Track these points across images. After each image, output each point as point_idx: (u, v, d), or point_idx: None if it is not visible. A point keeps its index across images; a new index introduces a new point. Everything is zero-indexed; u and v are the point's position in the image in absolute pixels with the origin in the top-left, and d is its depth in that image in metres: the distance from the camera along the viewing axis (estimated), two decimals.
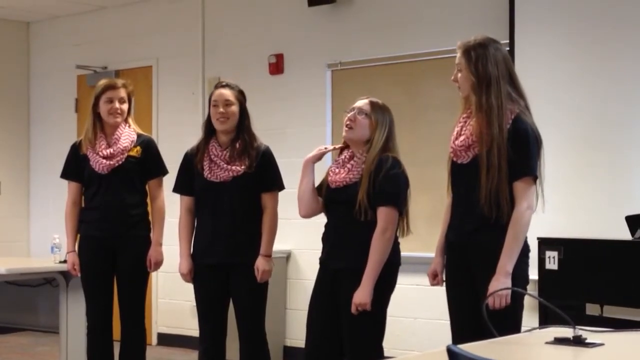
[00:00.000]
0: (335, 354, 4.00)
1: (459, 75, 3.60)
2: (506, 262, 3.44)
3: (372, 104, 4.03)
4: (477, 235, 3.53)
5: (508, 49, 5.56)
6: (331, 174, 4.05)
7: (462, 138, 3.57)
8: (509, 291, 3.38)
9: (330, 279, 3.99)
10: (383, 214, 3.89)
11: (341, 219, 3.98)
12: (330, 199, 4.04)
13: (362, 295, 3.84)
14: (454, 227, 3.65)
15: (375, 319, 3.93)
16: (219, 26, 7.32)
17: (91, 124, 4.82)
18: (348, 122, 4.01)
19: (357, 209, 3.87)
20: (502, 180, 3.46)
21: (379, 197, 3.89)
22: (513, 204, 3.47)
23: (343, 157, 4.07)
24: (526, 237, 3.53)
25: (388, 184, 3.89)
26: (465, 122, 3.62)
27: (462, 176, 3.60)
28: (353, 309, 3.85)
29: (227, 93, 4.45)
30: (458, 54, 3.61)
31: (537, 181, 3.53)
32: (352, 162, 3.99)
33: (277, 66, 6.89)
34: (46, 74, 8.56)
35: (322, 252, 4.09)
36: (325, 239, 4.08)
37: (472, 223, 3.54)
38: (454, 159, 3.62)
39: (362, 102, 4.05)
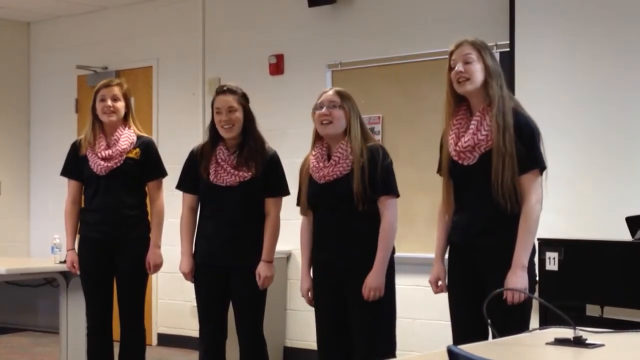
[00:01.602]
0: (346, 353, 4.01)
1: (469, 66, 3.52)
2: (521, 256, 3.44)
3: (340, 94, 4.06)
4: (487, 235, 3.52)
5: (508, 49, 5.57)
6: (315, 170, 4.03)
7: (466, 138, 3.54)
8: (525, 285, 3.39)
9: (337, 276, 3.99)
10: (389, 203, 3.96)
11: (337, 214, 3.98)
12: (320, 194, 4.02)
13: (374, 280, 3.88)
14: (460, 228, 3.62)
15: (386, 306, 3.97)
16: (219, 27, 7.32)
17: (90, 125, 4.83)
18: (324, 119, 4.00)
19: (355, 200, 3.89)
20: (513, 173, 3.45)
21: (382, 189, 3.95)
22: (518, 199, 3.46)
23: (320, 150, 4.06)
24: None
25: (387, 175, 3.97)
26: (461, 124, 3.60)
27: (468, 178, 3.58)
28: (367, 294, 3.87)
29: (230, 99, 4.38)
30: (465, 47, 3.55)
31: (544, 173, 3.52)
32: (337, 155, 3.99)
33: (277, 67, 6.89)
34: (46, 75, 8.56)
35: (325, 251, 4.04)
36: (328, 236, 4.03)
37: (481, 223, 3.53)
38: (459, 162, 3.57)
39: (330, 95, 4.05)
